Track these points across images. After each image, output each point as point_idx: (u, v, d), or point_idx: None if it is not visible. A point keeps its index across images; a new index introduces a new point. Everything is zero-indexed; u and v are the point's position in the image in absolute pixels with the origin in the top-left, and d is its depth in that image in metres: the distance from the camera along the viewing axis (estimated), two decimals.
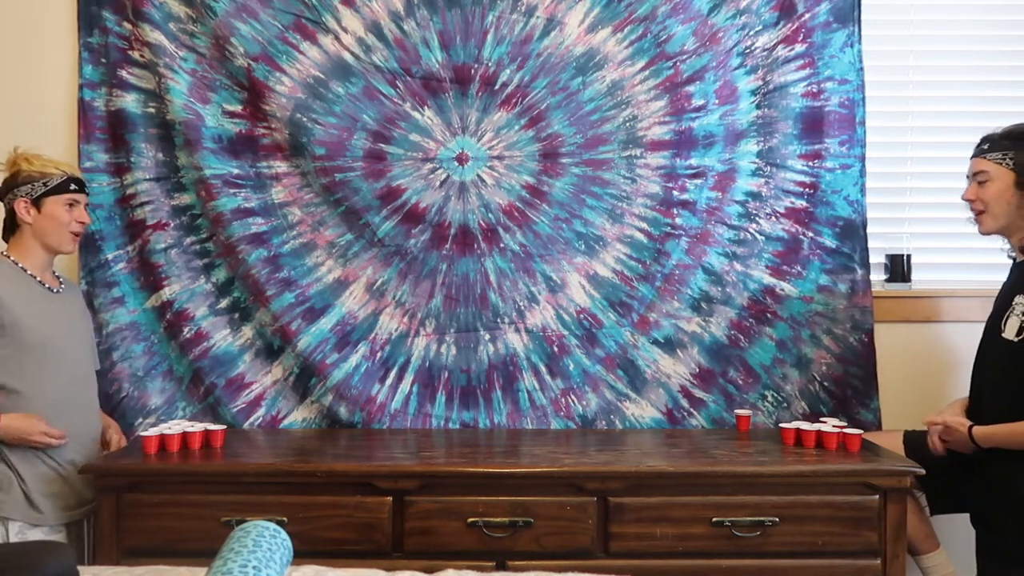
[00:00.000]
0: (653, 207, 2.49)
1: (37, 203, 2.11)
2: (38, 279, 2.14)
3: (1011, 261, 2.16)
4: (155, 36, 2.43)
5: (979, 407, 2.11)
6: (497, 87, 2.47)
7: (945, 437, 2.07)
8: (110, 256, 2.47)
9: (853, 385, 2.50)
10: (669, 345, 2.52)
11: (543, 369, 2.51)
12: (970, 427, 2.01)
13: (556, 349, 2.51)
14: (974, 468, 2.06)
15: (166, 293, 2.48)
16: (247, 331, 2.51)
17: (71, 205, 2.15)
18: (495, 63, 2.46)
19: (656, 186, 2.48)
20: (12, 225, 2.15)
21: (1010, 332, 2.02)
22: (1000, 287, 2.16)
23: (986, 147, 2.08)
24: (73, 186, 2.16)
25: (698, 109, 2.46)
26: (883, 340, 2.50)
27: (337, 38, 2.45)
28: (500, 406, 2.51)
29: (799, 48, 2.49)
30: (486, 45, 2.46)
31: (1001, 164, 2.04)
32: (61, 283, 2.22)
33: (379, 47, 2.46)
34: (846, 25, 2.50)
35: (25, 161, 2.14)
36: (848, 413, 2.48)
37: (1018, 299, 2.03)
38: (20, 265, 2.12)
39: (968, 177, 2.13)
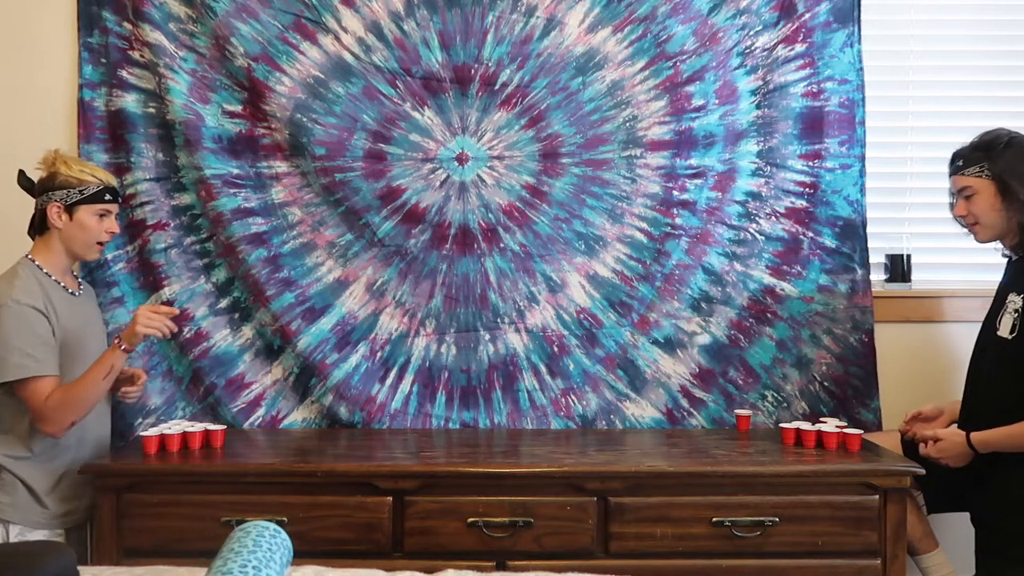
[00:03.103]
0: (653, 207, 2.49)
1: (70, 209, 2.11)
2: (61, 283, 2.15)
3: (1006, 259, 2.18)
4: (155, 36, 2.43)
5: (974, 403, 2.12)
6: (497, 87, 2.47)
7: (939, 454, 2.06)
8: (110, 256, 2.47)
9: (853, 385, 2.50)
10: (669, 345, 2.52)
11: (543, 369, 2.51)
12: (968, 434, 2.01)
13: (556, 349, 2.51)
14: (973, 467, 2.06)
15: (166, 293, 2.47)
16: (247, 331, 2.51)
17: (102, 215, 2.15)
18: (495, 63, 2.46)
19: (656, 186, 2.48)
20: (41, 225, 2.15)
21: (1004, 330, 2.03)
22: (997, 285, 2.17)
23: (961, 163, 2.11)
24: (108, 196, 2.15)
25: (698, 109, 2.45)
26: (883, 340, 2.50)
27: (337, 38, 2.45)
28: (500, 406, 2.51)
29: (799, 48, 2.49)
30: (486, 45, 2.46)
31: (981, 176, 2.06)
32: (80, 285, 2.25)
33: (379, 47, 2.46)
34: (846, 25, 2.50)
35: (64, 165, 2.13)
36: (848, 413, 2.48)
37: (1011, 297, 2.05)
38: (44, 270, 2.13)
39: (952, 194, 2.16)
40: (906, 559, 2.03)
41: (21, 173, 2.18)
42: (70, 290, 2.17)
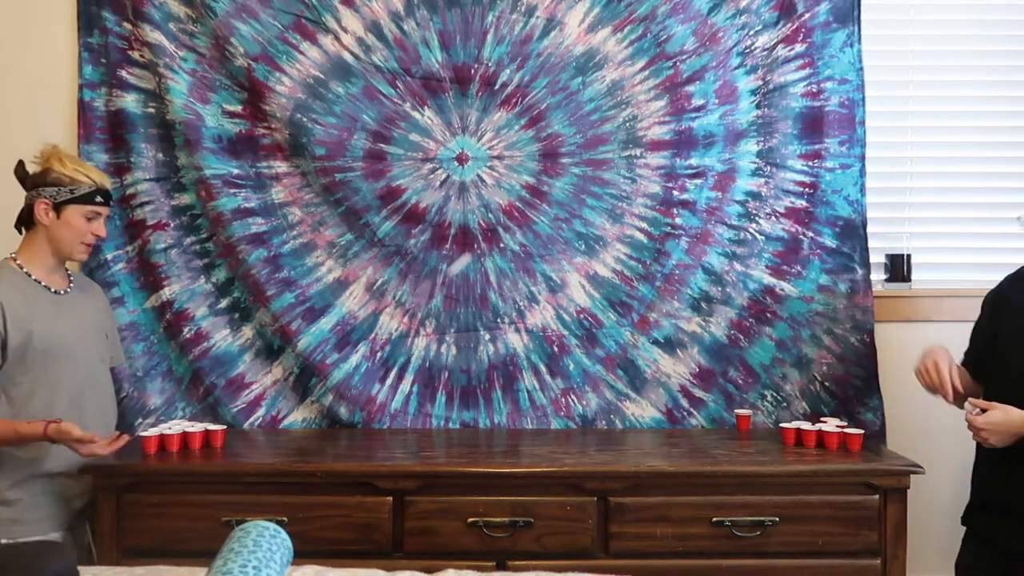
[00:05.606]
0: (653, 207, 2.49)
1: (58, 208, 2.06)
2: (43, 283, 2.09)
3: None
4: (155, 36, 2.43)
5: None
6: (497, 87, 2.47)
7: (985, 425, 1.84)
8: (110, 256, 2.47)
9: (854, 385, 2.50)
10: (669, 345, 2.52)
11: (543, 369, 2.51)
12: None
13: (556, 349, 2.51)
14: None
15: (166, 293, 2.47)
16: (247, 331, 2.51)
17: (91, 217, 2.10)
18: (495, 63, 2.46)
19: (656, 186, 2.48)
20: (29, 220, 2.10)
21: None
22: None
23: None
24: (99, 198, 2.10)
25: (698, 109, 2.45)
26: (883, 340, 2.50)
27: (337, 38, 2.45)
28: (500, 406, 2.51)
29: (799, 48, 2.49)
30: (486, 45, 2.46)
31: None
32: (71, 283, 2.18)
33: (379, 47, 2.46)
34: (846, 25, 2.50)
35: (59, 161, 2.08)
36: (849, 413, 2.48)
37: None
38: (25, 270, 2.07)
39: None
40: (906, 559, 2.03)
41: (20, 164, 2.12)
42: (54, 289, 2.11)
